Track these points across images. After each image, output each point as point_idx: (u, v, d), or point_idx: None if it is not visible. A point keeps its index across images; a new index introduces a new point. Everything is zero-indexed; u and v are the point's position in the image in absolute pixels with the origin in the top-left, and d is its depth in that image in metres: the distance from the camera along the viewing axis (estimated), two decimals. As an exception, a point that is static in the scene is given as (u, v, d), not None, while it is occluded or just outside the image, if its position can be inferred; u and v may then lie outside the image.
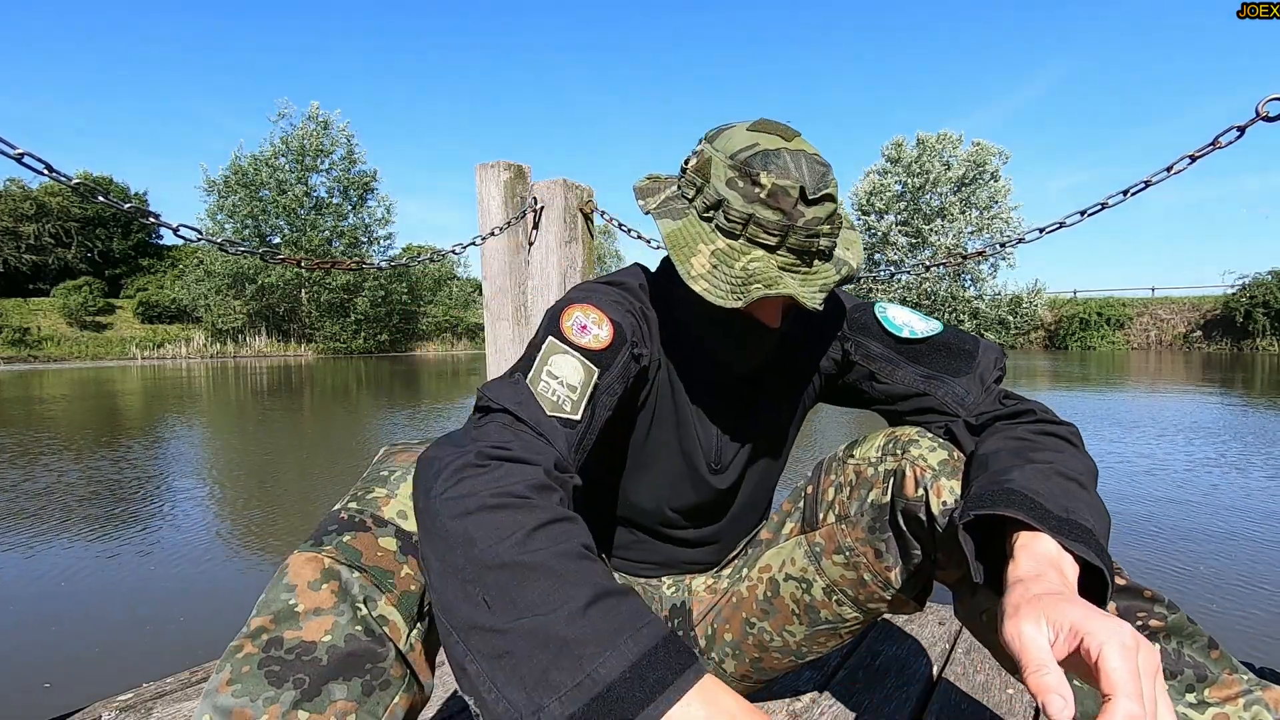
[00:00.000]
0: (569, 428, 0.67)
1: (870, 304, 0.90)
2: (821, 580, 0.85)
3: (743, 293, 0.70)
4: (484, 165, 2.07)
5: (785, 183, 0.71)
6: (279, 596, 0.55)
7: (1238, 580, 2.60)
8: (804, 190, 0.71)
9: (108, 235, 33.81)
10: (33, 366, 21.78)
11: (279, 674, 0.50)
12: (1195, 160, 1.35)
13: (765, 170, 0.71)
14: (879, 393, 0.88)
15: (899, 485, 0.76)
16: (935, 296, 28.79)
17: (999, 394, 0.83)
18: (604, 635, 0.46)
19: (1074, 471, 0.65)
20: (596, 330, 0.76)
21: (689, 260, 0.73)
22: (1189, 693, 0.62)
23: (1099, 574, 0.57)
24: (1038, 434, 0.72)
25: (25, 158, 1.14)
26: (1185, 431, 5.96)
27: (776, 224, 0.71)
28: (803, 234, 0.72)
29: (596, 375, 0.72)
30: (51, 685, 1.91)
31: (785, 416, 0.95)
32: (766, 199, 0.71)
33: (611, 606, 0.48)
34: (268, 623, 0.53)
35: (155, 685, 1.20)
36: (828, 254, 0.76)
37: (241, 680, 0.50)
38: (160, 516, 3.71)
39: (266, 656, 0.51)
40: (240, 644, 0.53)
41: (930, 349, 0.85)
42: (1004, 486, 0.62)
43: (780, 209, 0.71)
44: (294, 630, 0.53)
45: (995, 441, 0.72)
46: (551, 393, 0.68)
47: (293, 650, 0.52)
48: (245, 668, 0.50)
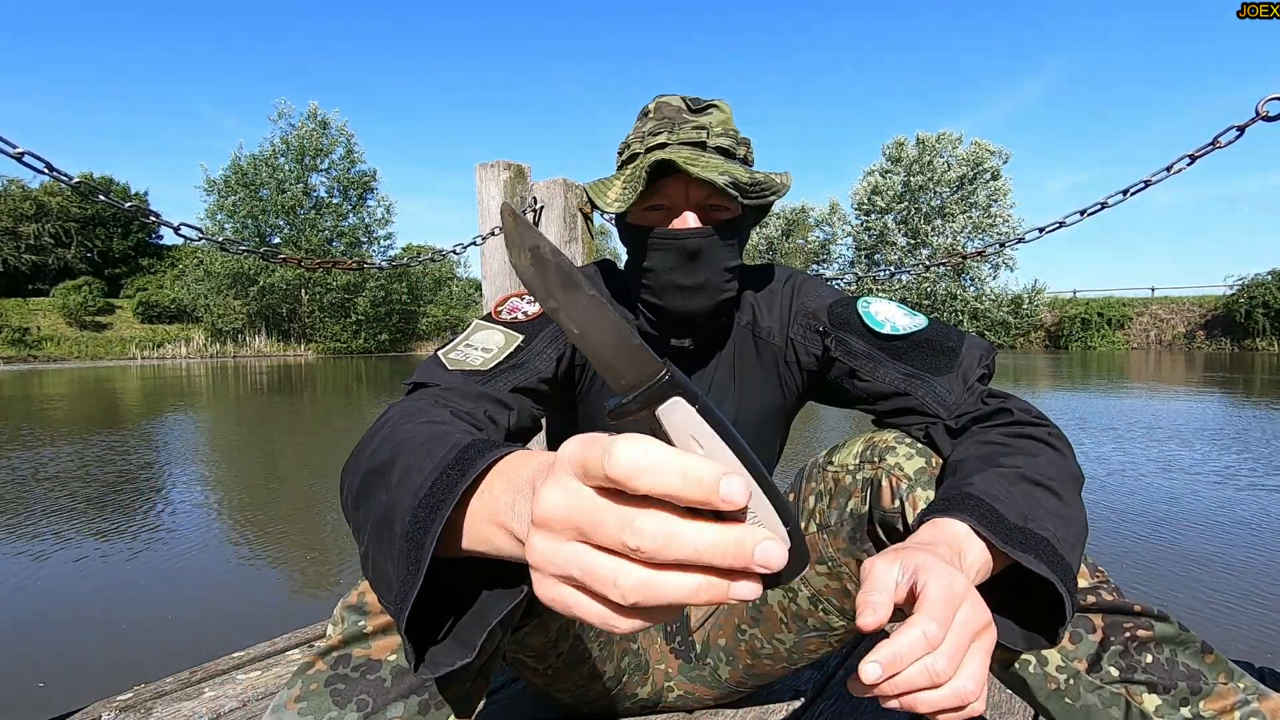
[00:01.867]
0: (475, 376, 0.75)
1: (853, 299, 0.88)
2: (807, 589, 0.84)
3: (638, 184, 0.77)
4: (484, 165, 2.07)
5: (666, 98, 0.85)
6: (352, 618, 0.55)
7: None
8: (686, 102, 0.84)
9: (108, 235, 33.80)
10: (32, 366, 21.78)
11: (344, 693, 0.51)
12: (1195, 160, 1.35)
13: (650, 103, 0.87)
14: (861, 391, 0.85)
15: (875, 495, 0.75)
16: (935, 296, 28.79)
17: (981, 393, 0.79)
18: (404, 487, 0.46)
19: (1044, 477, 0.63)
20: (527, 307, 0.86)
21: (605, 195, 0.83)
22: (1183, 707, 0.60)
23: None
24: (1012, 436, 0.69)
25: (25, 157, 1.14)
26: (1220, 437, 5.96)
27: (662, 125, 0.82)
28: (689, 127, 0.81)
29: (520, 340, 0.81)
30: (45, 684, 1.91)
31: (762, 404, 0.93)
32: (654, 115, 0.84)
33: (410, 457, 0.48)
34: (339, 642, 0.54)
35: (155, 685, 1.20)
36: (729, 153, 0.83)
37: (309, 698, 0.51)
38: (160, 516, 3.71)
39: (334, 674, 0.52)
40: (311, 660, 0.53)
41: (912, 346, 0.82)
42: (962, 491, 0.60)
43: (665, 116, 0.83)
44: (362, 649, 0.53)
45: (967, 447, 0.70)
46: (462, 355, 0.78)
47: (359, 669, 0.52)
48: (313, 685, 0.51)
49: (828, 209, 33.64)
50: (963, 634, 0.45)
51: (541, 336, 0.82)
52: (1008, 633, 0.57)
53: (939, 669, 0.44)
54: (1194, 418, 6.97)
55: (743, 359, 0.92)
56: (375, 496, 0.50)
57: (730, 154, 0.83)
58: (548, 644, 0.80)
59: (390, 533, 0.45)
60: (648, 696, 0.99)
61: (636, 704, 0.99)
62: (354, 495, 0.54)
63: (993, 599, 0.55)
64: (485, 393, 0.72)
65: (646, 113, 0.86)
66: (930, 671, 0.44)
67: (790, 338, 0.90)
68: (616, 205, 0.80)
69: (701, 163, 0.77)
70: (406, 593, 0.42)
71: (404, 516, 0.44)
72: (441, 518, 0.41)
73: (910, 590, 0.47)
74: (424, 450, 0.48)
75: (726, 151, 0.83)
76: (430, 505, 0.42)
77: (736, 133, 0.85)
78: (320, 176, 30.36)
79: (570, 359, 0.86)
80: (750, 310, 0.92)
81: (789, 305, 0.91)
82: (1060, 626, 0.55)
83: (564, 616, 0.77)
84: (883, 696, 0.44)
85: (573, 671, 0.87)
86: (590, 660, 0.87)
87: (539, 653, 0.81)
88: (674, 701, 1.02)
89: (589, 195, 0.86)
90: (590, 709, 0.96)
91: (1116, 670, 0.62)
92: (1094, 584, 0.65)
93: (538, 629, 0.78)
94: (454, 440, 0.47)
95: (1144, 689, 0.61)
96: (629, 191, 0.79)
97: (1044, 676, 0.64)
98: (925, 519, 0.59)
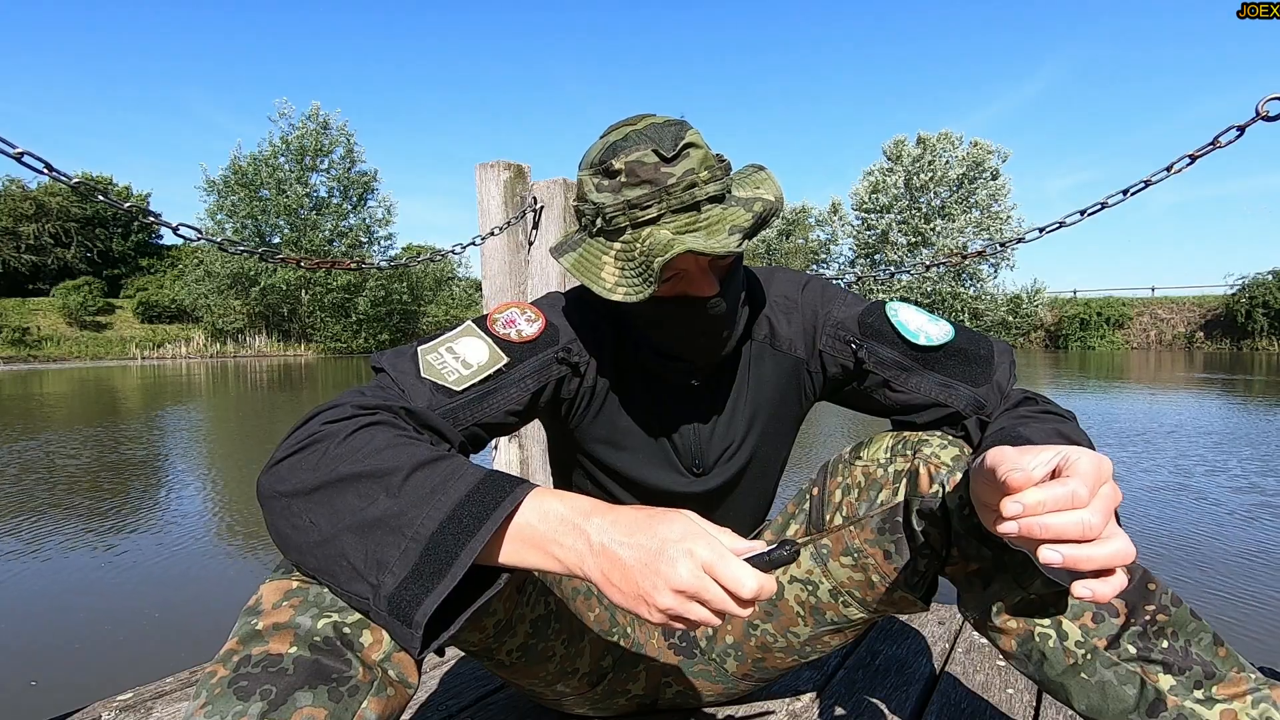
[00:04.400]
0: (441, 393, 0.72)
1: (880, 305, 0.86)
2: (828, 582, 0.84)
3: (650, 276, 0.69)
4: (484, 165, 2.07)
5: (637, 155, 0.71)
6: (248, 621, 0.56)
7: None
8: (659, 153, 0.71)
9: (107, 235, 33.79)
10: (32, 367, 21.77)
11: (246, 689, 0.51)
12: (1195, 160, 1.35)
13: (615, 158, 0.72)
14: (893, 401, 0.85)
15: (913, 483, 0.76)
16: (935, 295, 28.79)
17: (1015, 398, 0.82)
18: (420, 499, 0.53)
19: (1074, 434, 0.70)
20: (524, 326, 0.81)
21: (599, 277, 0.73)
22: (1196, 689, 0.61)
23: None
24: (1038, 412, 0.75)
25: (25, 157, 1.13)
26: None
27: (648, 195, 0.71)
28: (679, 190, 0.71)
29: (504, 364, 0.77)
30: (37, 683, 1.91)
31: (779, 414, 0.92)
32: (628, 180, 0.71)
33: (425, 474, 0.55)
34: (236, 645, 0.54)
35: (155, 685, 1.20)
36: (721, 198, 0.73)
37: (213, 701, 0.50)
38: (160, 515, 3.71)
39: (236, 675, 0.51)
40: (214, 669, 0.53)
41: (946, 356, 0.82)
42: (1011, 434, 0.68)
43: (644, 179, 0.71)
44: (260, 646, 0.53)
45: (1001, 419, 0.77)
46: (440, 362, 0.74)
47: (259, 664, 0.52)
48: (217, 690, 0.51)
49: (828, 209, 33.65)
50: (1109, 503, 0.50)
51: (527, 364, 0.78)
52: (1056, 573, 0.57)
53: (1093, 523, 0.49)
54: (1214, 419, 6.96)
55: (758, 374, 0.90)
56: (369, 496, 0.54)
57: (720, 199, 0.74)
58: (486, 639, 0.78)
59: (395, 534, 0.52)
60: (643, 693, 0.98)
61: (632, 701, 0.99)
62: (323, 484, 0.56)
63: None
64: (435, 426, 0.69)
65: (613, 172, 0.72)
66: (1084, 525, 0.49)
67: (819, 349, 0.88)
68: (623, 294, 0.71)
69: (709, 231, 0.71)
70: (426, 591, 0.51)
71: (423, 525, 0.52)
72: (483, 537, 0.51)
73: (1055, 469, 0.53)
74: (434, 469, 0.55)
75: (718, 198, 0.74)
76: (462, 522, 0.52)
77: (715, 163, 0.74)
78: (321, 177, 30.38)
79: (555, 393, 0.83)
80: (767, 323, 0.89)
81: (812, 315, 0.89)
82: None
83: (501, 614, 0.76)
84: (1030, 540, 0.50)
85: (539, 668, 0.85)
86: (557, 657, 0.85)
87: (484, 649, 0.80)
88: (672, 698, 1.01)
89: (577, 276, 0.76)
90: (577, 707, 0.96)
91: (1134, 649, 0.63)
92: None
93: (471, 627, 0.76)
94: (464, 467, 0.56)
95: (1159, 669, 0.63)
96: (635, 282, 0.71)
97: (1062, 651, 0.66)
98: (974, 458, 0.65)
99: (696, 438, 0.89)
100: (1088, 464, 0.51)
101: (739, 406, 0.90)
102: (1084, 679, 0.65)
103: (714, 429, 0.89)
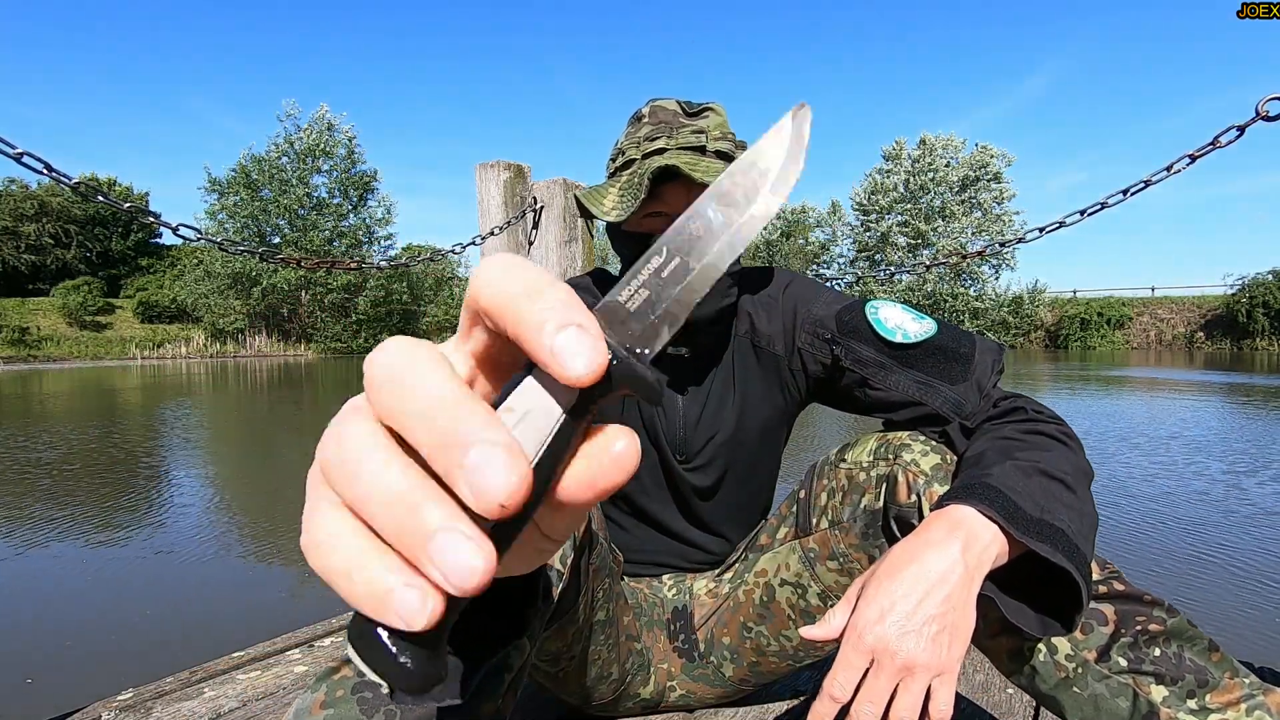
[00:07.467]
0: None
1: (860, 303, 0.86)
2: (816, 586, 0.84)
3: (640, 190, 0.76)
4: (484, 165, 2.07)
5: (660, 102, 0.85)
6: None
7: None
8: (681, 105, 0.84)
9: (107, 235, 33.81)
10: (32, 367, 21.76)
11: (371, 701, 0.47)
12: (1195, 160, 1.35)
13: (644, 107, 0.86)
14: (873, 399, 0.85)
15: (891, 491, 0.75)
16: (936, 296, 28.79)
17: (996, 397, 0.80)
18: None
19: (1059, 470, 0.65)
20: None
21: (601, 204, 0.81)
22: (1189, 699, 0.61)
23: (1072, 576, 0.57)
24: (1025, 433, 0.71)
25: (25, 157, 1.14)
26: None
27: (660, 130, 0.81)
28: (687, 131, 0.80)
29: None
30: (33, 681, 1.91)
31: (764, 413, 0.93)
32: (648, 120, 0.84)
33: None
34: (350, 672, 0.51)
35: (155, 685, 1.20)
36: (727, 158, 0.82)
37: (335, 705, 0.48)
38: (160, 514, 3.71)
39: (361, 681, 0.49)
40: (337, 665, 0.51)
41: (924, 353, 0.81)
42: (982, 481, 0.62)
43: (660, 120, 0.82)
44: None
45: (983, 441, 0.71)
46: None
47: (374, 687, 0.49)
48: (339, 691, 0.48)
49: (828, 209, 33.65)
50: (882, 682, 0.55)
51: None
52: (1025, 619, 0.59)
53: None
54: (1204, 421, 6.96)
55: (742, 368, 0.91)
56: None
57: (729, 157, 0.82)
58: (563, 648, 0.79)
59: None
60: (650, 696, 0.99)
61: (639, 704, 0.99)
62: None
63: (1008, 584, 0.60)
64: None
65: (640, 117, 0.85)
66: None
67: (798, 347, 0.89)
68: (615, 214, 0.79)
69: (703, 167, 0.76)
70: None
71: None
72: None
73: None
74: None
75: (726, 155, 0.82)
76: None
77: (733, 136, 0.84)
78: (321, 177, 30.40)
79: None
80: (748, 319, 0.91)
81: (791, 312, 0.90)
82: (1076, 614, 0.57)
83: (578, 622, 0.76)
84: None
85: (582, 673, 0.86)
86: (600, 661, 0.86)
87: (553, 656, 0.80)
88: (675, 701, 1.02)
89: (581, 203, 0.83)
90: (594, 709, 0.96)
91: (1125, 661, 0.63)
92: (1105, 576, 0.66)
93: (556, 635, 0.76)
94: None
95: (1151, 680, 0.62)
96: (628, 199, 0.77)
97: (1053, 665, 0.65)
98: (944, 504, 0.61)
99: (684, 421, 0.90)
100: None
101: (726, 397, 0.91)
102: (1076, 692, 0.64)
103: (700, 415, 0.90)
